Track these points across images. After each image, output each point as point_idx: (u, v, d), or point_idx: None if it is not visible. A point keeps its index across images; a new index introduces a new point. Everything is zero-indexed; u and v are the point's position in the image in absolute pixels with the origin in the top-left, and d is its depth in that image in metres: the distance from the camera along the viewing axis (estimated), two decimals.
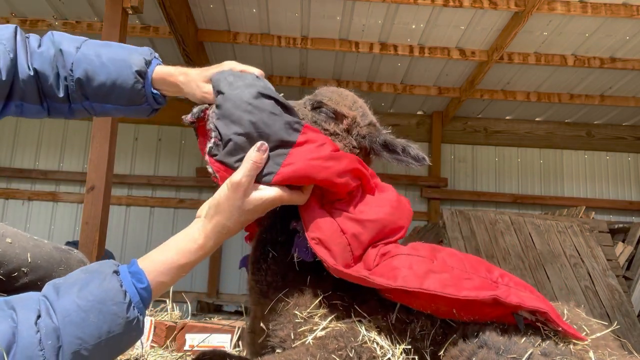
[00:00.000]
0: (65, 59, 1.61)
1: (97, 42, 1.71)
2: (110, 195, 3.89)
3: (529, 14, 5.04)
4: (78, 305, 1.14)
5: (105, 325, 1.15)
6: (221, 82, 1.49)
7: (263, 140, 1.39)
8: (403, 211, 1.55)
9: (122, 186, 7.92)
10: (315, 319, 1.35)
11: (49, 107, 1.69)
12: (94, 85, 1.63)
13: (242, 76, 1.51)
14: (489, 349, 1.20)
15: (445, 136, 8.29)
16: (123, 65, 1.63)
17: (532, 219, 5.64)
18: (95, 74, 1.62)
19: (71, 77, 1.62)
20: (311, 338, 1.30)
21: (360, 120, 1.76)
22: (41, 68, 1.60)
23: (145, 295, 1.25)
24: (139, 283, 1.25)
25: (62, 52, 1.62)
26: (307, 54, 6.53)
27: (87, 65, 1.61)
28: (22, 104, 1.63)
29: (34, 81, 1.61)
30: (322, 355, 1.24)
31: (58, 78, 1.63)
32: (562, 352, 1.19)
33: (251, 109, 1.41)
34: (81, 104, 1.68)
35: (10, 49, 1.54)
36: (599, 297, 5.01)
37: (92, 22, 5.98)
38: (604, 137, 8.41)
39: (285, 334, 1.37)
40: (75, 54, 1.62)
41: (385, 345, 1.28)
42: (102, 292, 1.17)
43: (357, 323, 1.33)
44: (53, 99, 1.66)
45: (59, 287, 1.19)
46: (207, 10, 5.73)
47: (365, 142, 1.74)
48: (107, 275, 1.22)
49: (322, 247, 1.37)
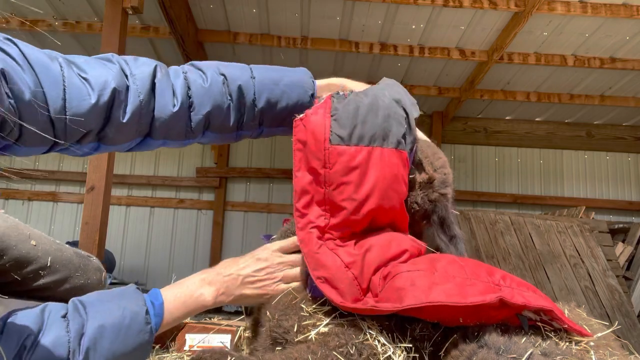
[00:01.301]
0: (244, 91, 1.54)
1: (262, 67, 1.63)
2: (110, 195, 3.89)
3: (529, 14, 5.04)
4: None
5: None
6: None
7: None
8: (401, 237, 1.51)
9: (122, 186, 7.92)
10: (320, 315, 1.36)
11: (206, 137, 1.60)
12: (275, 112, 1.58)
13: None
14: (489, 349, 1.20)
15: (445, 136, 8.29)
16: (300, 90, 1.60)
17: (532, 219, 5.64)
18: (278, 102, 1.57)
19: (253, 107, 1.55)
20: (314, 333, 1.30)
21: (438, 185, 1.64)
22: (212, 104, 1.50)
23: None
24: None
25: (240, 87, 1.53)
26: (307, 54, 6.53)
27: (268, 94, 1.56)
28: (165, 141, 1.54)
29: (180, 117, 1.49)
30: (323, 352, 1.25)
31: (229, 109, 1.54)
32: (562, 352, 1.19)
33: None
34: (251, 131, 1.62)
35: (141, 91, 1.41)
36: (599, 297, 5.01)
37: (92, 22, 5.99)
38: (604, 137, 8.41)
39: (290, 324, 1.37)
40: (253, 84, 1.55)
41: (386, 343, 1.28)
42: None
43: (360, 321, 1.33)
44: (218, 130, 1.57)
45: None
46: (207, 10, 5.74)
47: (428, 206, 1.61)
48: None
49: (329, 285, 1.35)
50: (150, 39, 6.28)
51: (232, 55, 6.71)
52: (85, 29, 6.00)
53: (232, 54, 6.68)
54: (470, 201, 8.22)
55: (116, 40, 3.95)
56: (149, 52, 6.62)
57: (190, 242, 7.92)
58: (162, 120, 1.45)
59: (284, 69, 1.64)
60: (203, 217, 8.03)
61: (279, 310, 1.44)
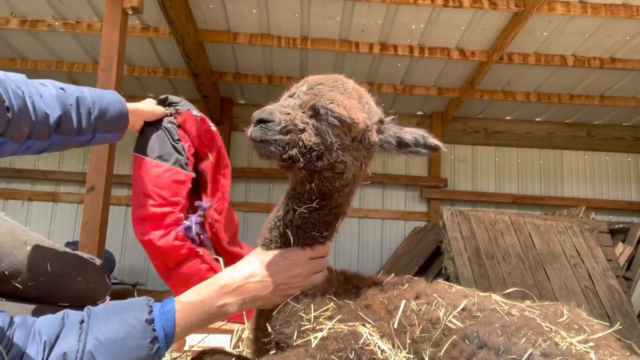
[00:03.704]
0: (80, 101, 1.83)
1: (90, 89, 1.91)
2: (110, 195, 3.88)
3: (529, 14, 5.04)
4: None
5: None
6: None
7: None
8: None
9: (122, 186, 7.91)
10: (320, 320, 1.36)
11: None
12: (106, 120, 1.93)
13: None
14: (489, 350, 1.20)
15: (445, 136, 8.28)
16: (119, 104, 1.96)
17: (532, 219, 5.64)
18: (107, 111, 1.92)
19: (89, 114, 1.85)
20: (313, 338, 1.30)
21: (369, 121, 1.55)
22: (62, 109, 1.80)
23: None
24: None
25: (78, 98, 1.81)
26: (307, 54, 6.53)
27: (99, 105, 1.87)
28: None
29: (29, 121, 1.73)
30: (322, 357, 1.25)
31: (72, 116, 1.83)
32: (562, 353, 1.19)
33: None
34: (86, 136, 1.88)
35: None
36: (599, 297, 5.01)
37: (92, 22, 5.98)
38: (604, 137, 8.41)
39: (290, 331, 1.38)
40: (88, 97, 1.84)
41: (386, 350, 1.28)
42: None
43: (360, 326, 1.33)
44: (66, 133, 1.78)
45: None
46: (207, 10, 5.73)
47: (376, 147, 1.57)
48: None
49: None
50: (150, 39, 6.27)
51: (232, 55, 6.71)
52: (85, 29, 5.99)
53: (232, 54, 6.68)
54: (470, 201, 8.22)
55: (116, 40, 3.95)
56: (149, 52, 6.62)
57: None
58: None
59: (98, 89, 1.94)
60: None
61: (279, 319, 1.45)
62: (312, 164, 1.43)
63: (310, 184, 1.49)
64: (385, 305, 1.47)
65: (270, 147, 1.38)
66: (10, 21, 5.93)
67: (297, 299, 1.48)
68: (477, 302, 1.42)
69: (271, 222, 1.64)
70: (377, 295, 1.52)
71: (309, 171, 1.46)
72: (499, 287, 4.56)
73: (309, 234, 1.56)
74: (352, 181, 1.57)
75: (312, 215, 1.54)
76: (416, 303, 1.43)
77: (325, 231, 1.58)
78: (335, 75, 1.59)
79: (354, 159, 1.50)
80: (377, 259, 7.96)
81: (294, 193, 1.57)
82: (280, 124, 1.38)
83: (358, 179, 1.62)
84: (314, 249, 1.57)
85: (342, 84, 1.55)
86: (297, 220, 1.55)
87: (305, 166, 1.43)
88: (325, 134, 1.42)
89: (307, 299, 1.47)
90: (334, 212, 1.58)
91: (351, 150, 1.49)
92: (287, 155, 1.40)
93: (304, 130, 1.41)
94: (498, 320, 1.32)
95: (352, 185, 1.59)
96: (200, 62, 6.32)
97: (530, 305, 1.49)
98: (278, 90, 1.52)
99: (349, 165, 1.49)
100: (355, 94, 1.55)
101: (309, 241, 1.57)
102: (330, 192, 1.52)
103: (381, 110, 1.65)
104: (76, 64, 6.99)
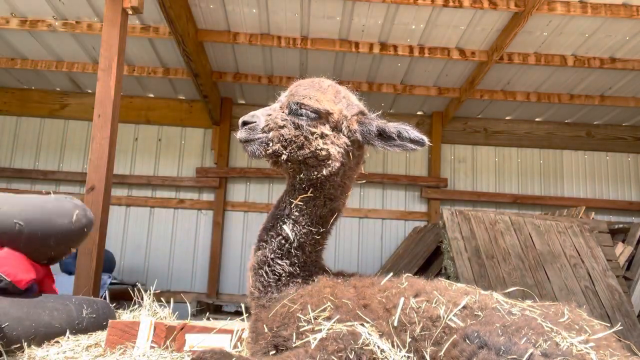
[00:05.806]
0: None
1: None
2: (110, 195, 3.89)
3: (529, 14, 5.04)
4: None
5: None
6: None
7: None
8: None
9: (122, 186, 7.92)
10: (318, 321, 1.36)
11: None
12: None
13: None
14: (489, 350, 1.19)
15: (445, 136, 8.29)
16: None
17: (532, 219, 5.63)
18: None
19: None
20: (312, 339, 1.30)
21: (347, 112, 1.67)
22: None
23: None
24: None
25: None
26: (307, 54, 6.53)
27: None
28: None
29: None
30: (322, 357, 1.25)
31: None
32: (563, 353, 1.19)
33: None
34: None
35: None
36: (599, 297, 5.01)
37: (92, 22, 5.98)
38: (603, 137, 8.42)
39: (289, 333, 1.38)
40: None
41: (386, 349, 1.28)
42: None
43: (358, 326, 1.33)
44: None
45: None
46: (207, 10, 5.73)
47: (357, 135, 1.67)
48: None
49: None
50: (150, 39, 6.27)
51: (232, 55, 6.71)
52: (85, 29, 5.99)
53: (232, 54, 6.68)
54: (470, 201, 8.22)
55: (116, 40, 3.95)
56: (149, 52, 6.62)
57: (190, 242, 7.92)
58: None
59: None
60: (203, 217, 8.03)
61: (276, 322, 1.47)
62: (294, 154, 1.59)
63: (299, 174, 1.62)
64: (383, 304, 1.47)
65: (255, 145, 1.58)
66: (10, 21, 5.93)
67: (293, 300, 1.48)
68: (479, 300, 1.42)
69: (268, 221, 1.71)
70: (375, 294, 1.52)
71: (294, 162, 1.60)
72: (499, 287, 4.55)
73: (306, 229, 1.62)
74: (342, 171, 1.66)
75: (307, 206, 1.63)
76: (416, 301, 1.43)
77: (322, 227, 1.66)
78: (316, 78, 1.76)
79: (336, 146, 1.62)
80: (377, 259, 7.96)
81: (289, 187, 1.70)
82: (263, 124, 1.59)
83: (349, 171, 1.70)
84: None
85: (319, 82, 1.72)
86: (293, 213, 1.62)
87: (289, 157, 1.59)
88: (302, 126, 1.59)
89: (303, 299, 1.49)
90: (328, 206, 1.66)
91: (332, 139, 1.62)
92: (271, 150, 1.59)
93: (284, 127, 1.59)
94: (499, 319, 1.32)
95: (343, 176, 1.68)
96: (200, 62, 6.32)
97: (532, 305, 1.49)
98: (278, 90, 1.57)
99: (332, 152, 1.61)
100: (330, 90, 1.71)
101: (305, 238, 1.62)
102: (320, 181, 1.63)
103: (380, 111, 1.81)
104: (76, 64, 6.99)
